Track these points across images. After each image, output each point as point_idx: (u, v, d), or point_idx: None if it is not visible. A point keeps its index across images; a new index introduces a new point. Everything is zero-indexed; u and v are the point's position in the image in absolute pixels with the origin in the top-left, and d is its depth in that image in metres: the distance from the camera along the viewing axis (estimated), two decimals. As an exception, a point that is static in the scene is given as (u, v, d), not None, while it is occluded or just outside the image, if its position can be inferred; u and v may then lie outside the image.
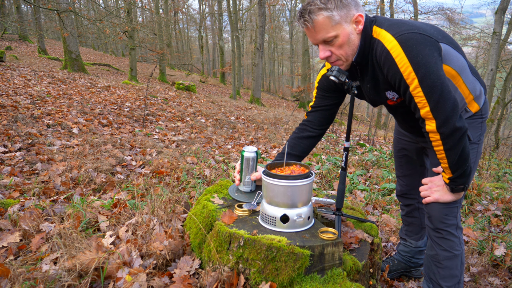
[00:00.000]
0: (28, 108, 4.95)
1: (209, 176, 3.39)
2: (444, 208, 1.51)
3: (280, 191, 1.36)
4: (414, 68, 1.24)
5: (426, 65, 1.23)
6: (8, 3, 20.32)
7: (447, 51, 1.34)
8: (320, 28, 1.32)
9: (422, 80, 1.24)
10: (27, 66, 9.93)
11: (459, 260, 1.55)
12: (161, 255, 1.52)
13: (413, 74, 1.24)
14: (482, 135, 1.56)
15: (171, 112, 7.47)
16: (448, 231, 1.53)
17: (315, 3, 1.29)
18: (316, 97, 1.73)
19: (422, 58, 1.23)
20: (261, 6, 13.63)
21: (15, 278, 1.34)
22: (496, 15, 10.50)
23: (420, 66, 1.23)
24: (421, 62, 1.23)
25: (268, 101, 22.04)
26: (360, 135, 8.54)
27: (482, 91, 1.54)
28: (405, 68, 1.25)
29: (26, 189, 2.45)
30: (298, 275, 1.26)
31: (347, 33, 1.33)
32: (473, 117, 1.52)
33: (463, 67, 1.41)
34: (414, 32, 1.26)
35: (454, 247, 1.53)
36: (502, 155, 9.02)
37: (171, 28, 26.81)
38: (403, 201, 2.02)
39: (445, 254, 1.54)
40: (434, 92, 1.25)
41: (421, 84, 1.25)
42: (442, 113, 1.26)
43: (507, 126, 21.55)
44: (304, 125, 1.75)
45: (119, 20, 13.30)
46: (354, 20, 1.33)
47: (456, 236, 1.54)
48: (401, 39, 1.26)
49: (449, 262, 1.54)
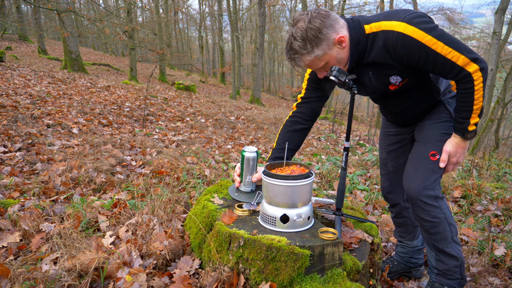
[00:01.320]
0: (28, 108, 4.95)
1: (209, 176, 3.39)
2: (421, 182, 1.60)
3: (280, 191, 1.36)
4: (432, 35, 1.35)
5: (437, 30, 1.37)
6: (8, 3, 20.32)
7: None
8: (309, 65, 1.48)
9: (443, 40, 1.36)
10: (27, 66, 9.93)
11: (445, 223, 1.64)
12: (161, 255, 1.52)
13: (434, 39, 1.35)
14: None
15: (171, 112, 7.47)
16: (427, 203, 1.60)
17: (296, 51, 1.42)
18: (306, 88, 1.76)
19: (432, 27, 1.36)
20: (261, 6, 13.63)
21: (15, 278, 1.34)
22: (496, 15, 10.50)
23: (435, 31, 1.36)
24: (434, 29, 1.36)
25: (268, 101, 22.04)
26: (360, 135, 8.54)
27: None
28: (426, 39, 1.35)
29: (26, 189, 2.45)
30: (298, 275, 1.26)
31: (334, 56, 1.45)
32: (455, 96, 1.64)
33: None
34: (413, 12, 1.39)
35: (436, 215, 1.62)
36: (502, 155, 9.03)
37: (171, 28, 26.80)
38: (389, 199, 2.04)
39: (428, 224, 1.64)
40: (458, 42, 1.37)
41: (446, 43, 1.36)
42: (473, 53, 1.39)
43: (507, 126, 21.55)
44: (295, 117, 1.77)
45: (119, 20, 13.30)
46: (337, 42, 1.43)
47: (435, 206, 1.61)
48: (407, 19, 1.36)
49: (436, 229, 1.65)
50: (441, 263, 1.73)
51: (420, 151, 1.66)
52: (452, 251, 1.69)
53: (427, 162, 1.62)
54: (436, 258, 1.74)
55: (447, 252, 1.68)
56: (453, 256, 1.69)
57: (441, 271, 1.74)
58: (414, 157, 1.69)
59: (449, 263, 1.70)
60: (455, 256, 1.69)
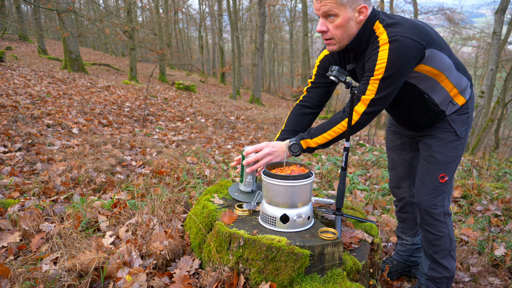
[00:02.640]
0: (28, 108, 4.95)
1: (209, 176, 3.39)
2: (431, 199, 1.70)
3: (280, 191, 1.36)
4: (387, 66, 1.39)
5: (397, 71, 1.39)
6: (8, 3, 20.32)
7: (432, 55, 1.45)
8: (326, 4, 1.43)
9: (385, 78, 1.41)
10: (27, 66, 9.93)
11: (447, 237, 1.77)
12: (161, 255, 1.52)
13: (383, 69, 1.40)
14: (468, 130, 1.69)
15: (171, 112, 7.47)
16: (436, 218, 1.72)
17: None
18: (315, 75, 1.79)
19: (400, 63, 1.38)
20: (261, 6, 13.63)
21: (15, 278, 1.34)
22: (496, 15, 10.50)
23: (393, 68, 1.39)
24: (396, 66, 1.39)
25: (268, 101, 22.05)
26: (360, 135, 8.54)
27: (468, 85, 1.66)
28: (381, 62, 1.40)
29: (26, 189, 2.45)
30: (298, 275, 1.26)
31: (348, 17, 1.43)
32: (460, 110, 1.64)
33: (447, 66, 1.53)
34: (405, 37, 1.38)
35: (441, 230, 1.74)
36: (502, 155, 9.03)
37: (171, 28, 26.80)
38: (396, 194, 2.07)
39: (433, 236, 1.76)
40: (385, 91, 1.43)
41: (382, 80, 1.42)
42: (375, 106, 1.47)
43: (507, 126, 21.55)
44: (305, 102, 1.80)
45: (119, 20, 13.29)
46: (359, 9, 1.43)
47: (442, 221, 1.73)
48: (392, 40, 1.39)
49: (438, 242, 1.77)
50: (434, 271, 1.83)
51: (430, 173, 1.71)
52: (446, 263, 1.80)
53: (436, 184, 1.70)
54: (429, 267, 1.85)
55: (442, 264, 1.80)
56: (447, 268, 1.80)
57: (432, 277, 1.84)
58: (424, 178, 1.74)
59: (442, 273, 1.82)
60: (449, 268, 1.81)
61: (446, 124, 1.66)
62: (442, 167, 1.68)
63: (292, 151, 1.59)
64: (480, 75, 23.52)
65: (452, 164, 1.69)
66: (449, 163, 1.68)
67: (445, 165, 1.68)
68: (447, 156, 1.67)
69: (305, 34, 20.32)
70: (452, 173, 1.70)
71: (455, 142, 1.67)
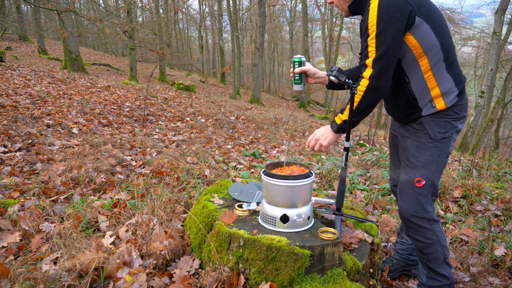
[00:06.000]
0: (28, 108, 4.95)
1: (209, 176, 3.39)
2: (411, 206, 1.64)
3: (280, 191, 1.36)
4: (377, 22, 1.44)
5: (388, 25, 1.43)
6: (8, 3, 20.32)
7: (419, 25, 1.47)
8: None
9: (379, 34, 1.44)
10: (27, 66, 9.93)
11: (438, 244, 1.69)
12: (161, 255, 1.52)
13: (375, 27, 1.45)
14: (446, 134, 1.61)
15: (171, 112, 7.47)
16: (419, 225, 1.65)
17: None
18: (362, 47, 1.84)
19: (388, 18, 1.42)
20: (261, 6, 13.63)
21: (15, 278, 1.34)
22: (496, 15, 10.51)
23: (383, 23, 1.43)
24: (385, 21, 1.43)
25: (268, 101, 22.04)
26: (360, 135, 8.54)
27: (455, 91, 1.59)
28: (372, 20, 1.46)
29: (26, 189, 2.45)
30: (298, 275, 1.26)
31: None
32: (436, 114, 1.60)
33: (431, 46, 1.51)
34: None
35: (429, 237, 1.67)
36: (502, 155, 9.03)
37: (171, 28, 26.79)
38: (395, 192, 2.05)
39: (422, 244, 1.70)
40: (382, 48, 1.45)
41: (376, 37, 1.45)
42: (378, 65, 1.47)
43: (507, 126, 21.56)
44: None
45: (119, 20, 13.29)
46: None
47: (429, 228, 1.66)
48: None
49: (428, 249, 1.70)
50: (432, 280, 1.78)
51: (407, 178, 1.68)
52: (443, 271, 1.74)
53: (414, 188, 1.65)
54: (427, 276, 1.79)
55: (438, 272, 1.74)
56: (445, 276, 1.75)
57: (432, 287, 1.80)
58: (402, 183, 1.71)
59: (441, 281, 1.76)
60: (447, 276, 1.75)
61: (420, 125, 1.63)
62: (417, 171, 1.63)
63: (332, 128, 1.65)
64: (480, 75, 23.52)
65: (429, 168, 1.61)
66: (424, 167, 1.61)
67: (419, 168, 1.62)
68: (422, 159, 1.62)
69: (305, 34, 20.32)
70: (430, 177, 1.62)
71: (428, 145, 1.61)
